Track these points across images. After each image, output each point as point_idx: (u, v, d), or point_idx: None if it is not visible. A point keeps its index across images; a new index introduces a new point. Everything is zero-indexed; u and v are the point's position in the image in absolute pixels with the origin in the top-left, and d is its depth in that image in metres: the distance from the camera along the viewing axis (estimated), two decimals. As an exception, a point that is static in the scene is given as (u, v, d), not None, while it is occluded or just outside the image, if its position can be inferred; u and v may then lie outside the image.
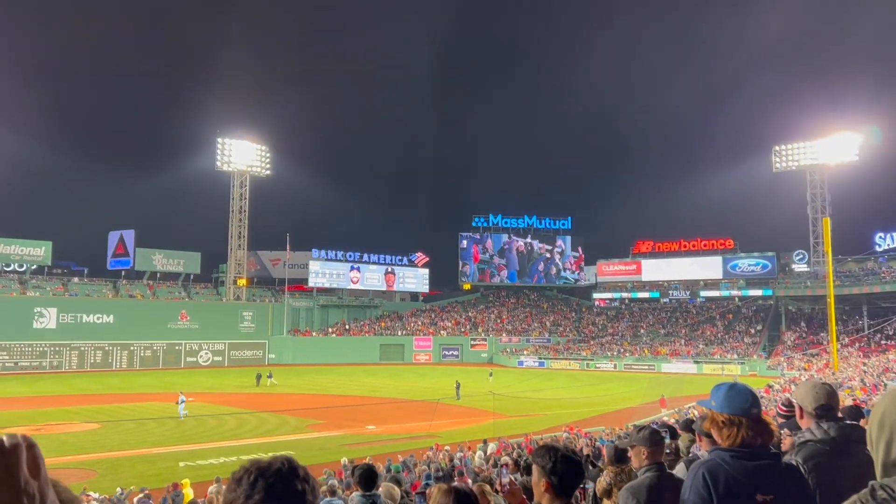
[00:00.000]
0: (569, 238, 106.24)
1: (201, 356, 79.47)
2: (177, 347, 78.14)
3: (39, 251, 75.89)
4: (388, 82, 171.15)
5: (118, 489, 18.92)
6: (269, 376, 57.87)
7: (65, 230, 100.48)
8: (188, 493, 18.00)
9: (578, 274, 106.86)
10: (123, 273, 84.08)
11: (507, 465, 21.42)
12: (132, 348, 75.00)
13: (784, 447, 4.34)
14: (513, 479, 4.18)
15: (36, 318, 70.90)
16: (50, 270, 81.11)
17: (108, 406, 42.49)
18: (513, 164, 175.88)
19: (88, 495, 17.41)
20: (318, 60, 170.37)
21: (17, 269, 76.55)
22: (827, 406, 3.39)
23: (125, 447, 28.86)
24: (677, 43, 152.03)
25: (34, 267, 77.09)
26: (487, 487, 4.60)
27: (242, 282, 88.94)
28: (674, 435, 5.83)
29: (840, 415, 3.49)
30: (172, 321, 79.14)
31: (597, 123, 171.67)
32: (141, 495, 16.84)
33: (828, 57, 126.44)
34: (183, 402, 37.94)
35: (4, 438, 1.14)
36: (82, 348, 72.16)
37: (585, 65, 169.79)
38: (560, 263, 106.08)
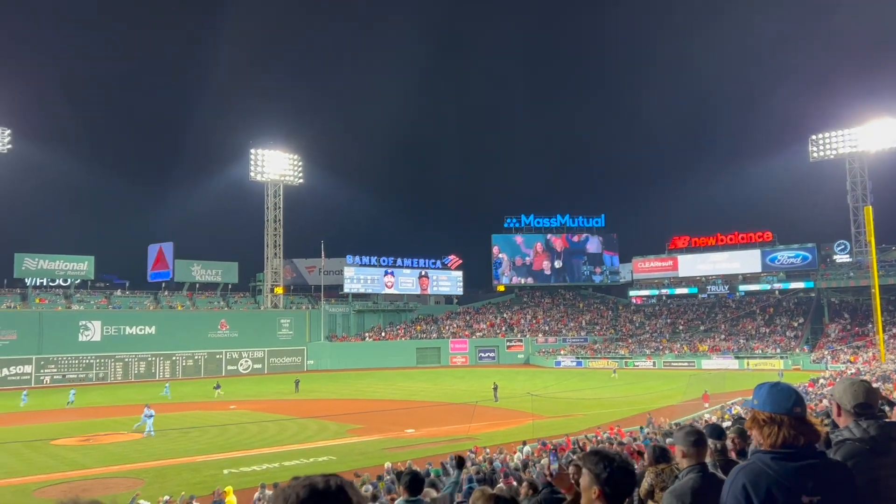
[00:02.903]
0: (603, 236, 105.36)
1: (241, 364, 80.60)
2: (217, 356, 79.37)
3: (83, 266, 77.78)
4: (416, 86, 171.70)
5: (164, 497, 19.25)
6: (217, 387, 56.99)
7: (106, 245, 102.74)
8: (231, 500, 18.25)
9: (614, 272, 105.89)
10: (163, 285, 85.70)
11: (556, 450, 21.35)
12: (174, 358, 76.39)
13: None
14: (562, 465, 4.17)
15: (81, 331, 72.71)
16: (93, 284, 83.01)
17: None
18: (544, 164, 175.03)
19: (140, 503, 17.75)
20: (344, 67, 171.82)
21: (62, 283, 78.56)
22: (866, 404, 3.31)
23: (171, 456, 29.37)
24: (698, 38, 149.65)
25: (78, 281, 79.01)
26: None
27: (279, 290, 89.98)
28: (718, 434, 5.73)
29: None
30: (212, 330, 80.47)
31: (628, 118, 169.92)
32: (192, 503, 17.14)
33: (864, 42, 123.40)
34: (150, 416, 34.82)
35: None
36: (126, 360, 73.73)
37: (616, 60, 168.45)
38: (594, 262, 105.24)
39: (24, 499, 21.49)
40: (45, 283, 77.93)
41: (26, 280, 76.05)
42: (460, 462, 8.44)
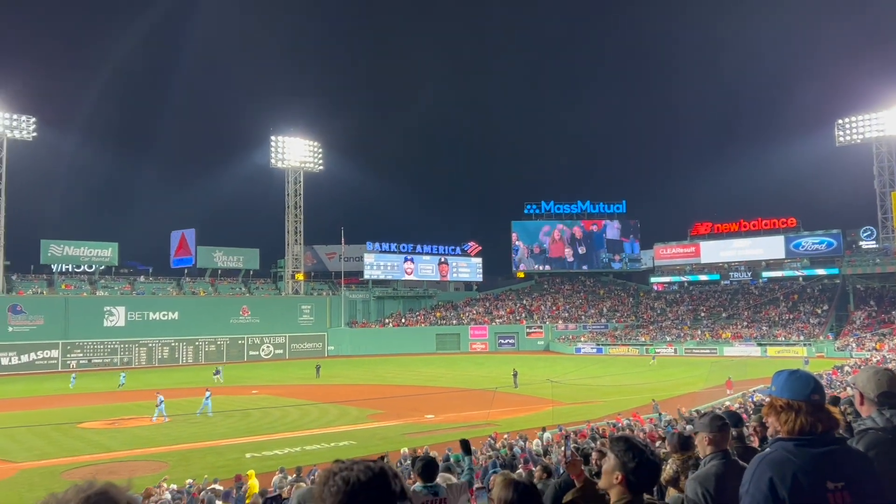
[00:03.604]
0: (623, 222, 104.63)
1: (263, 349, 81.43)
2: (239, 341, 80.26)
3: (107, 252, 78.87)
4: (436, 72, 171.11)
5: (188, 480, 19.56)
6: (216, 373, 55.33)
7: (130, 231, 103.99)
8: (253, 483, 18.47)
9: (633, 259, 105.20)
10: (186, 271, 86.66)
11: (569, 436, 21.37)
12: (197, 343, 77.38)
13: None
14: (574, 450, 4.19)
15: (106, 316, 73.85)
16: (117, 270, 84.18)
17: (177, 400, 43.94)
18: (564, 150, 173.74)
19: (161, 486, 18.03)
20: (364, 52, 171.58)
21: (87, 269, 79.78)
22: (889, 393, 3.27)
23: (194, 440, 29.81)
24: (722, 22, 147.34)
25: (102, 267, 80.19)
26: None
27: (300, 276, 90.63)
28: (736, 422, 5.69)
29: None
30: (234, 316, 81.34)
31: (651, 103, 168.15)
32: (214, 485, 17.38)
33: (892, 24, 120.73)
34: (161, 402, 35.40)
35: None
36: (150, 345, 74.82)
37: (640, 46, 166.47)
38: (613, 249, 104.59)
39: (53, 480, 21.93)
40: (70, 270, 79.21)
41: (52, 266, 77.38)
42: (466, 447, 8.47)
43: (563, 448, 18.35)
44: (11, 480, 22.39)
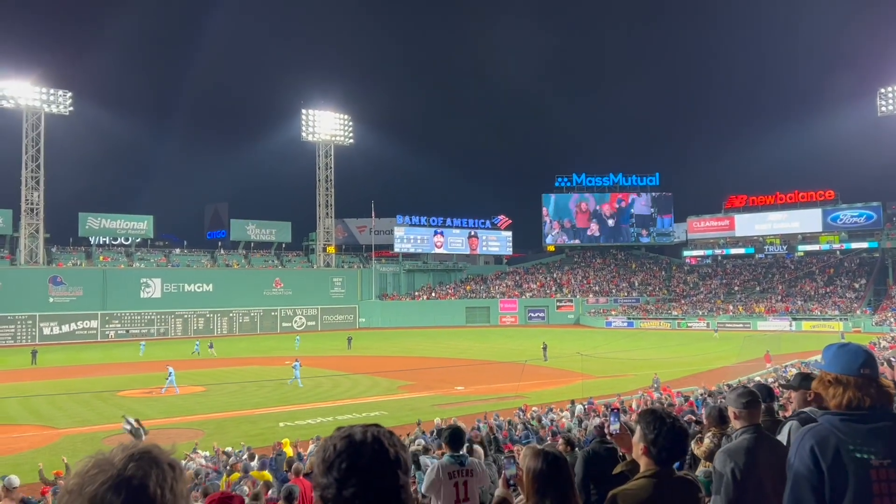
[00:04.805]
0: (656, 195, 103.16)
1: (296, 321, 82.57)
2: (273, 313, 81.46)
3: (143, 225, 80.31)
4: (465, 48, 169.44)
5: (227, 448, 19.99)
6: (210, 346, 55.58)
7: (165, 204, 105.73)
8: (288, 450, 18.86)
9: (662, 233, 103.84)
10: (220, 243, 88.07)
11: (616, 409, 21.33)
12: (231, 315, 78.74)
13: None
14: (623, 424, 4.22)
15: (143, 288, 75.48)
16: (153, 243, 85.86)
17: (212, 370, 44.94)
18: (596, 121, 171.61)
19: (196, 452, 18.51)
20: (395, 24, 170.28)
21: (124, 242, 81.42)
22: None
23: (229, 408, 30.45)
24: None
25: (139, 240, 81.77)
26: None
27: (331, 249, 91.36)
28: (768, 395, 5.64)
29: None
30: (267, 288, 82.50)
31: (683, 72, 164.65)
32: (247, 455, 17.77)
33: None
34: (172, 373, 35.36)
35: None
36: (186, 316, 76.34)
37: (673, 14, 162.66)
38: (648, 221, 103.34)
39: (95, 445, 22.61)
40: (107, 242, 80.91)
41: (90, 239, 79.11)
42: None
43: (608, 421, 18.36)
44: (55, 446, 23.15)
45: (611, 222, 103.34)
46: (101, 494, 1.36)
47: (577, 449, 8.86)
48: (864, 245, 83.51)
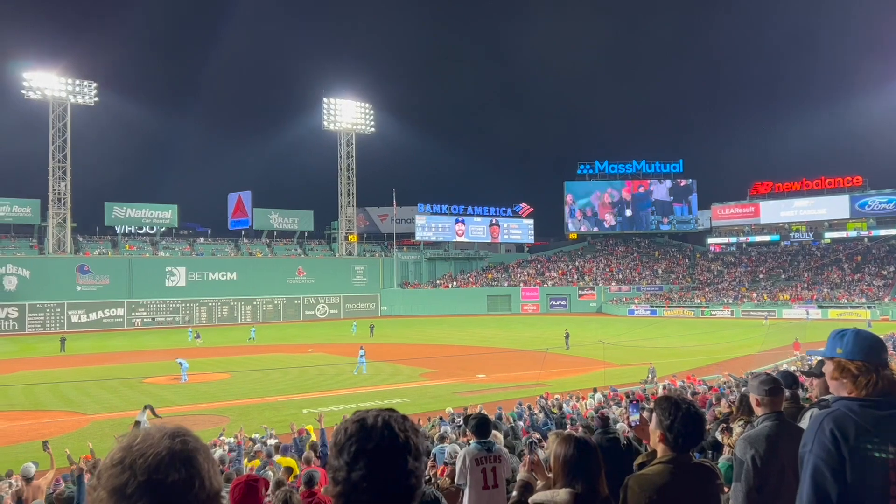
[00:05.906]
0: (680, 182, 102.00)
1: (318, 309, 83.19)
2: (296, 301, 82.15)
3: (167, 214, 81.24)
4: (487, 35, 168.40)
5: (253, 435, 20.26)
6: (197, 336, 55.10)
7: (189, 193, 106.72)
8: (313, 437, 19.07)
9: (682, 220, 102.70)
10: (243, 232, 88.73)
11: (636, 400, 21.33)
12: (255, 303, 79.52)
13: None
14: (644, 415, 4.24)
15: (168, 276, 76.47)
16: (177, 232, 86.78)
17: (237, 357, 45.47)
18: (619, 107, 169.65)
19: (221, 439, 18.79)
20: (417, 13, 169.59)
21: (149, 231, 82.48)
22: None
23: (253, 395, 30.82)
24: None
25: (163, 229, 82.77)
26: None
27: (353, 237, 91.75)
28: (792, 382, 5.59)
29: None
30: (290, 277, 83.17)
31: (708, 56, 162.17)
32: (274, 441, 18.01)
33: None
34: (184, 367, 35.35)
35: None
36: (210, 304, 77.23)
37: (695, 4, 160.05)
38: (671, 208, 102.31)
39: (123, 431, 22.92)
40: (132, 231, 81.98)
41: (116, 228, 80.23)
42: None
43: (628, 412, 18.33)
44: (84, 431, 23.61)
45: (628, 211, 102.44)
46: (155, 466, 1.41)
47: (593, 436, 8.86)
48: (893, 232, 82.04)
